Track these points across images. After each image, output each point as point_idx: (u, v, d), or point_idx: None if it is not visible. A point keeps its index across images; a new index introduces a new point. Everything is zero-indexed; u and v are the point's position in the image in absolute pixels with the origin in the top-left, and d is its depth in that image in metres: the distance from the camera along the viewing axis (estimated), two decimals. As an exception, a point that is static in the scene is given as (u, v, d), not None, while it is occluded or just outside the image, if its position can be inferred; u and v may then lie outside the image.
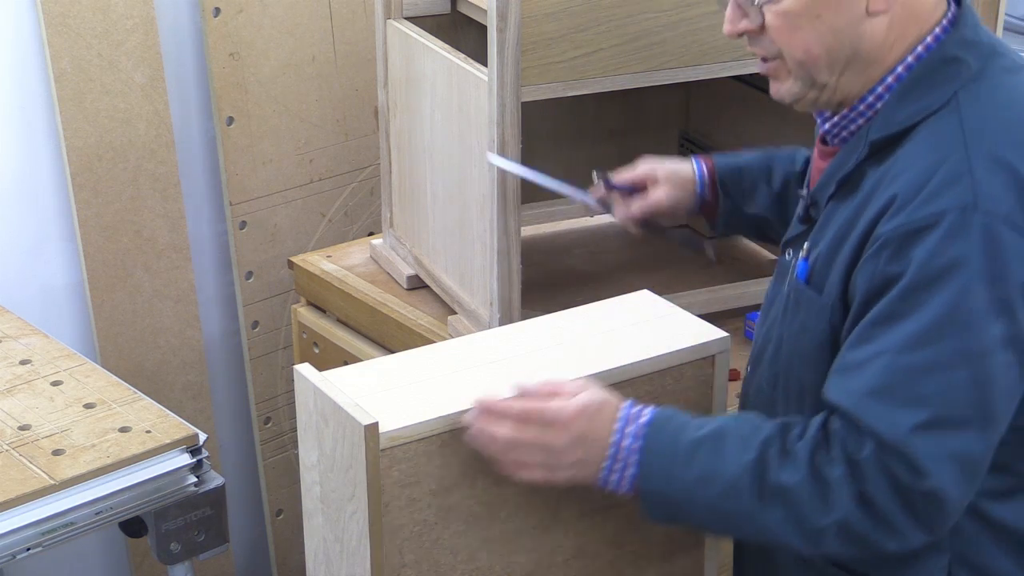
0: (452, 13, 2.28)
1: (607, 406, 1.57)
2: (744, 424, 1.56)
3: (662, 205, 1.93)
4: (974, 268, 1.44)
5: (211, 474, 2.03)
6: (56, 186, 2.54)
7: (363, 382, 1.64)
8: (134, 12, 2.53)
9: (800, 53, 1.56)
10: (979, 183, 1.47)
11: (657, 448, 1.55)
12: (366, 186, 2.84)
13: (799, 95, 1.60)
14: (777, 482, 1.50)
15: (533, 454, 1.56)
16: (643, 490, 1.55)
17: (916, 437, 1.45)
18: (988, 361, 1.46)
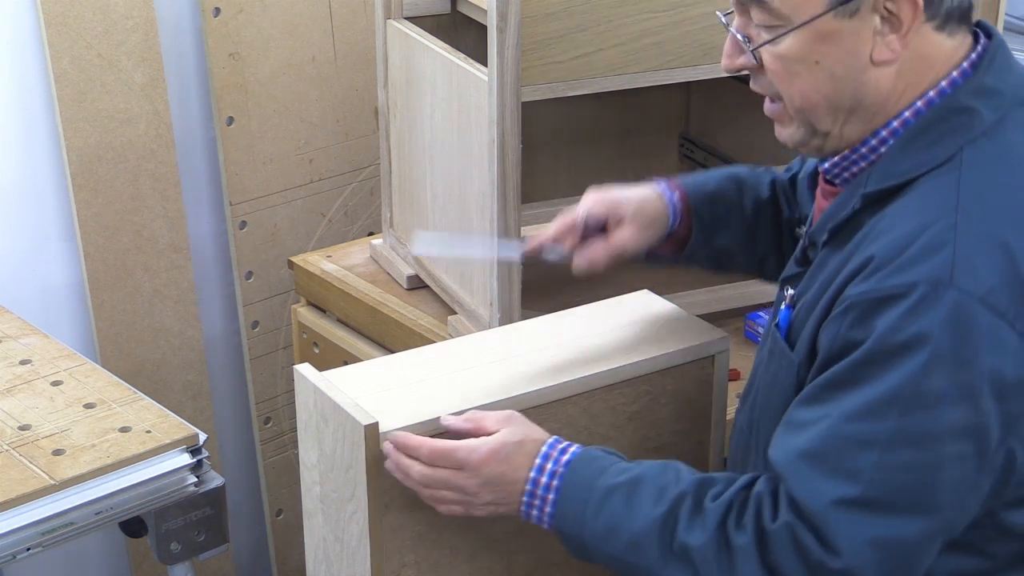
0: (452, 13, 2.28)
1: (525, 446, 1.52)
2: (665, 474, 1.49)
3: (627, 250, 1.72)
4: (936, 348, 1.34)
5: (211, 474, 2.03)
6: (56, 186, 2.54)
7: (363, 382, 1.64)
8: (134, 12, 2.53)
9: (798, 100, 1.46)
10: (960, 256, 1.36)
11: (572, 491, 1.50)
12: (366, 186, 2.84)
13: (801, 142, 1.50)
14: (683, 542, 1.43)
15: (446, 492, 1.53)
16: (558, 531, 1.52)
17: (837, 512, 1.37)
18: (938, 448, 1.36)
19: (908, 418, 1.35)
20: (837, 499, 1.37)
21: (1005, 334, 1.35)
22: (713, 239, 1.76)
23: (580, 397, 1.68)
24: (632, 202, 1.72)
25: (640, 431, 1.74)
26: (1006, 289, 1.35)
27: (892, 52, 1.43)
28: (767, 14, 1.44)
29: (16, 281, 2.55)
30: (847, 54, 1.43)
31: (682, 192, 1.75)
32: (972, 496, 1.39)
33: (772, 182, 1.79)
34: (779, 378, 1.52)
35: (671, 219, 1.74)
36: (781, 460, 1.42)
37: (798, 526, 1.39)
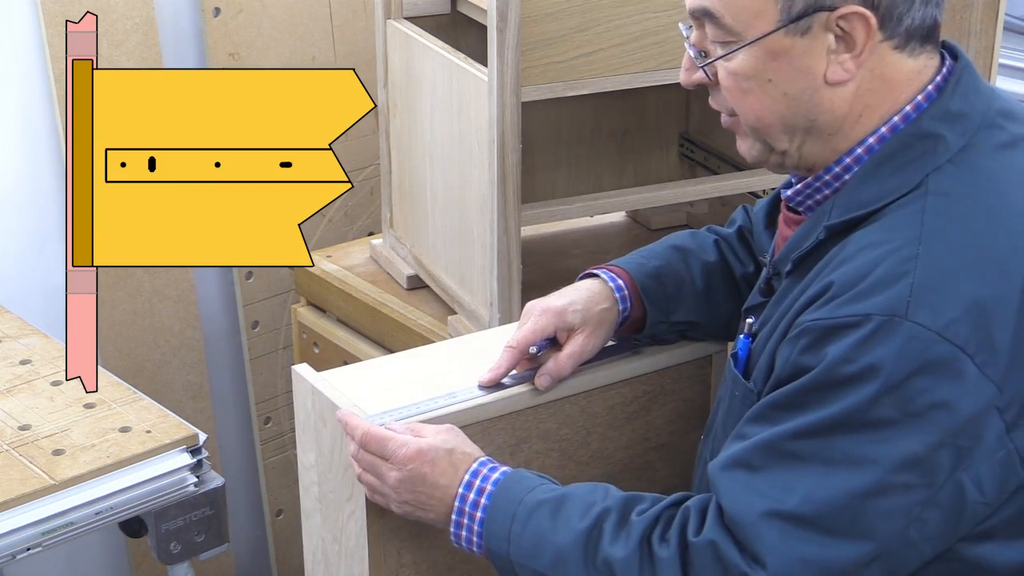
0: (452, 13, 2.28)
1: (453, 455, 1.50)
2: (593, 492, 1.46)
3: (584, 357, 1.66)
4: (887, 380, 1.31)
5: (211, 474, 2.03)
6: (56, 186, 2.54)
7: (362, 382, 1.64)
8: (134, 12, 2.53)
9: (752, 118, 1.44)
10: (918, 289, 1.32)
11: (501, 507, 1.47)
12: (366, 186, 2.84)
13: (760, 157, 1.47)
14: (606, 555, 1.40)
15: (370, 477, 1.52)
16: (487, 550, 1.48)
17: (768, 523, 1.34)
18: (880, 475, 1.32)
19: (851, 442, 1.33)
20: (769, 511, 1.34)
21: (963, 366, 1.32)
22: (671, 316, 1.70)
23: (579, 397, 1.68)
24: (578, 308, 1.65)
25: (639, 431, 1.74)
26: (967, 321, 1.32)
27: (847, 72, 1.39)
28: (720, 30, 1.41)
29: (16, 281, 2.55)
30: (799, 73, 1.40)
31: (626, 276, 1.69)
32: (916, 529, 1.35)
33: (716, 243, 1.74)
34: (733, 408, 1.50)
35: (620, 305, 1.68)
36: (715, 470, 1.40)
37: (723, 540, 1.36)
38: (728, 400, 1.53)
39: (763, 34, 1.39)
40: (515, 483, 1.48)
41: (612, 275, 1.69)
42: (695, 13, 1.44)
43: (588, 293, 1.67)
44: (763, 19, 1.39)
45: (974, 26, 2.27)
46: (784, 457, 1.35)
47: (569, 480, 1.57)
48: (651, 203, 2.25)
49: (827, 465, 1.33)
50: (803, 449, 1.34)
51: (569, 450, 1.69)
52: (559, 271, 2.36)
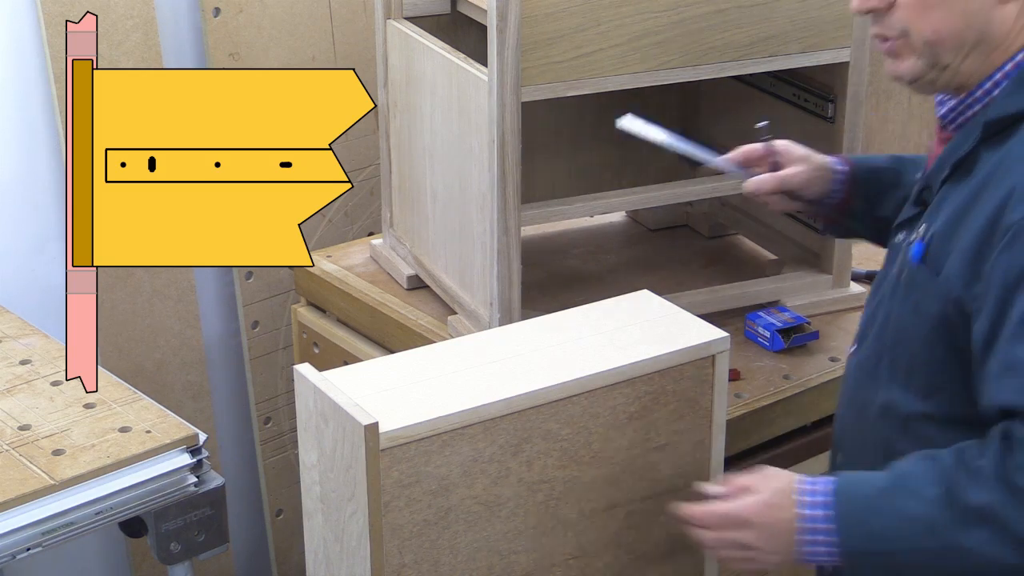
0: (452, 13, 2.28)
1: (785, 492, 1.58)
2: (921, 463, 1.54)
3: (792, 185, 1.90)
4: None
5: (211, 474, 2.03)
6: (56, 186, 2.54)
7: (363, 382, 1.64)
8: (134, 12, 2.53)
9: (929, 33, 1.56)
10: None
11: (849, 510, 1.55)
12: (366, 186, 2.84)
13: (919, 75, 1.60)
14: (973, 505, 1.48)
15: (734, 551, 1.60)
16: (848, 553, 1.55)
17: None
18: None
19: None
20: None
21: None
22: (875, 209, 1.90)
23: (580, 397, 1.68)
24: (804, 151, 1.91)
25: (640, 431, 1.74)
26: None
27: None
28: None
29: (16, 281, 2.55)
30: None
31: (850, 167, 1.91)
32: None
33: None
34: (922, 305, 1.59)
35: (836, 182, 1.90)
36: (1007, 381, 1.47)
37: None
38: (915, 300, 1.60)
39: None
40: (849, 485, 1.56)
41: (840, 162, 1.92)
42: None
43: (818, 155, 1.92)
44: None
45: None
46: None
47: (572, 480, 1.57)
48: (651, 203, 2.25)
49: None
50: None
51: (571, 450, 1.69)
52: (559, 271, 2.36)
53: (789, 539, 1.57)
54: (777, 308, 2.22)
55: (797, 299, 2.27)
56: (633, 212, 2.55)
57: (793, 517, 1.56)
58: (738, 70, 2.10)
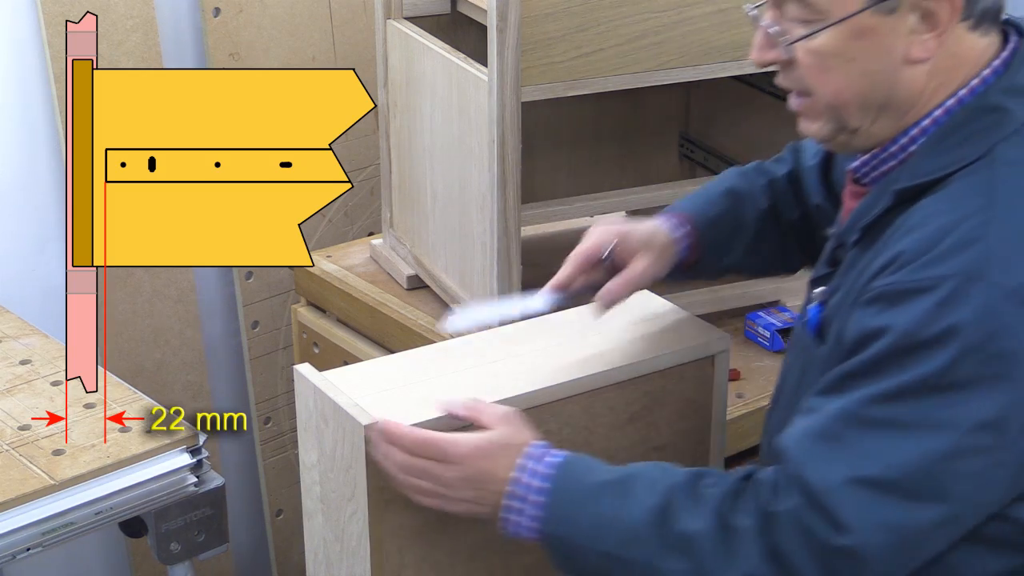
0: (452, 13, 2.28)
1: (511, 447, 1.50)
2: (656, 469, 1.48)
3: (644, 282, 1.71)
4: (966, 341, 1.32)
5: (211, 474, 2.03)
6: (56, 186, 2.54)
7: (363, 382, 1.64)
8: (134, 12, 2.53)
9: (830, 95, 1.45)
10: (993, 251, 1.35)
11: (562, 490, 1.46)
12: (366, 186, 2.84)
13: (828, 137, 1.50)
14: (681, 530, 1.41)
15: (423, 481, 1.52)
16: (545, 534, 1.47)
17: (850, 490, 1.35)
18: (959, 437, 1.34)
19: (929, 405, 1.34)
20: (851, 478, 1.35)
21: None
22: (722, 260, 1.78)
23: (580, 397, 1.68)
24: (641, 233, 1.71)
25: (640, 431, 1.74)
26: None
27: (927, 51, 1.42)
28: (805, 9, 1.43)
29: (16, 281, 2.55)
30: (883, 51, 1.42)
31: (690, 223, 1.75)
32: (988, 489, 1.38)
33: (768, 186, 1.79)
34: (808, 375, 1.51)
35: (683, 252, 1.74)
36: (793, 442, 1.40)
37: (804, 508, 1.37)
38: (801, 369, 1.54)
39: (850, 14, 1.41)
40: (574, 466, 1.48)
41: (675, 222, 1.75)
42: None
43: (652, 225, 1.74)
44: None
45: (974, 26, 2.27)
46: (863, 424, 1.36)
47: None
48: (651, 203, 2.24)
49: (906, 429, 1.35)
50: (881, 414, 1.36)
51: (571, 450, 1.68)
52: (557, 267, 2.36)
53: (487, 494, 1.49)
54: (777, 308, 2.22)
55: (797, 299, 2.27)
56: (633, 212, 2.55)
57: (506, 478, 1.48)
58: (738, 70, 2.10)
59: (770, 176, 1.80)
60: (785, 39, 1.45)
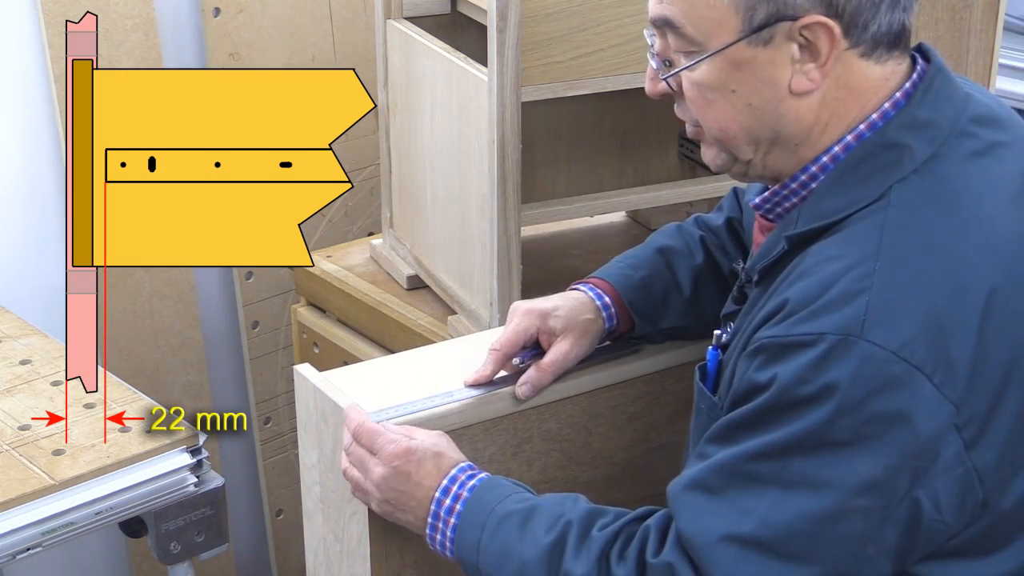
0: (452, 13, 2.28)
1: (440, 460, 1.49)
2: (562, 504, 1.45)
3: (568, 363, 1.65)
4: (844, 400, 1.28)
5: (211, 474, 2.03)
6: (56, 186, 2.54)
7: (363, 382, 1.64)
8: (134, 12, 2.53)
9: (715, 128, 1.41)
10: (874, 307, 1.29)
11: (473, 516, 1.46)
12: (366, 186, 2.84)
13: (724, 167, 1.45)
14: (567, 570, 1.39)
15: (353, 471, 1.52)
16: (458, 558, 1.47)
17: (724, 547, 1.32)
18: (838, 500, 1.30)
19: (809, 464, 1.30)
20: (725, 535, 1.32)
21: (920, 385, 1.29)
22: (658, 324, 1.70)
23: (580, 397, 1.68)
24: (561, 314, 1.64)
25: (640, 431, 1.74)
26: (924, 340, 1.29)
27: (811, 82, 1.36)
28: (682, 40, 1.39)
29: (16, 281, 2.55)
30: (763, 83, 1.37)
31: (612, 290, 1.68)
32: (873, 546, 1.33)
33: (703, 240, 1.72)
34: (700, 422, 1.49)
35: (607, 324, 1.68)
36: (674, 491, 1.38)
37: (679, 563, 1.34)
38: (695, 414, 1.52)
39: (725, 45, 1.37)
40: (488, 491, 1.47)
41: (598, 291, 1.68)
42: (656, 22, 1.41)
43: (574, 302, 1.66)
44: (725, 29, 1.37)
45: (974, 26, 2.27)
46: (742, 479, 1.33)
47: (572, 481, 1.57)
48: (651, 203, 2.25)
49: (785, 488, 1.31)
50: (761, 471, 1.32)
51: (571, 450, 1.69)
52: (559, 271, 2.36)
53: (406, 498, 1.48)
54: (777, 308, 2.22)
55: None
56: (633, 212, 2.55)
57: (428, 485, 1.48)
58: (738, 70, 2.10)
59: (706, 227, 1.74)
60: (667, 71, 1.42)
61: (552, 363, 1.63)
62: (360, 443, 1.52)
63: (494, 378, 1.64)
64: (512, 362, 1.64)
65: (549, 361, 1.63)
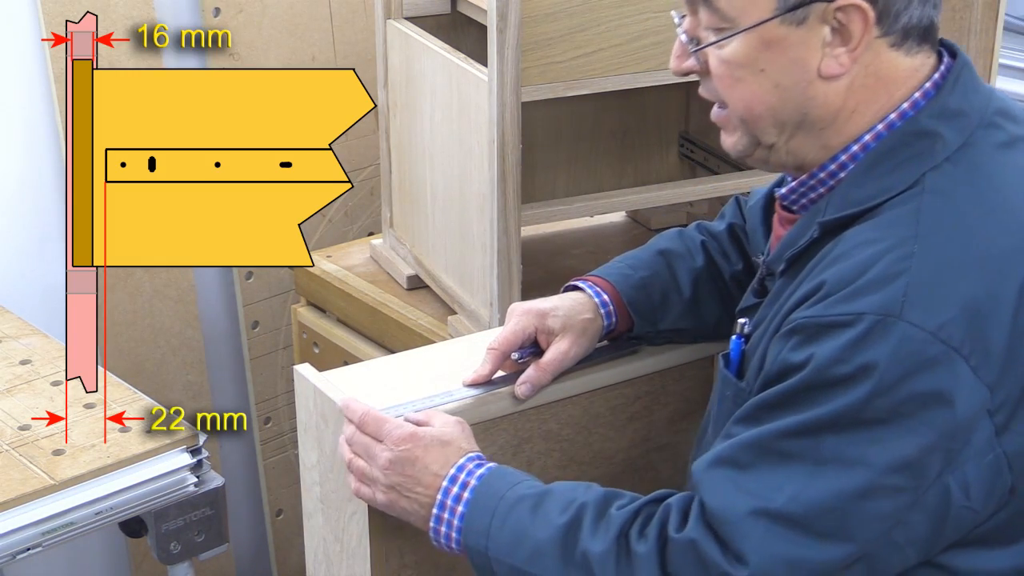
0: (452, 13, 2.28)
1: (448, 447, 1.48)
2: (575, 488, 1.44)
3: (567, 362, 1.65)
4: (881, 380, 1.29)
5: (211, 474, 2.03)
6: (56, 186, 2.54)
7: (363, 382, 1.64)
8: (134, 12, 2.53)
9: (741, 108, 1.41)
10: (913, 288, 1.30)
11: (482, 501, 1.45)
12: (366, 186, 2.84)
13: (746, 151, 1.45)
14: (584, 549, 1.38)
15: (358, 461, 1.51)
16: (465, 546, 1.45)
17: (752, 522, 1.31)
18: (870, 477, 1.30)
19: (843, 442, 1.30)
20: (755, 509, 1.32)
21: (956, 368, 1.30)
22: (657, 325, 1.70)
23: (580, 397, 1.68)
24: (559, 314, 1.64)
25: (640, 431, 1.74)
26: (961, 322, 1.30)
27: (841, 66, 1.37)
28: (714, 15, 1.39)
29: (16, 281, 2.55)
30: (793, 64, 1.38)
31: (611, 288, 1.68)
32: (901, 532, 1.33)
33: (703, 244, 1.72)
34: (724, 409, 1.48)
35: (605, 320, 1.67)
36: (702, 468, 1.37)
37: (704, 538, 1.33)
38: (719, 402, 1.51)
39: (758, 22, 1.37)
40: (498, 479, 1.46)
41: (596, 289, 1.68)
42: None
43: (572, 301, 1.66)
44: (759, 6, 1.37)
45: (974, 26, 2.27)
46: (773, 455, 1.33)
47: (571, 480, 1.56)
48: (651, 203, 2.25)
49: (817, 465, 1.31)
50: (793, 448, 1.32)
51: (571, 450, 1.69)
52: (559, 271, 2.36)
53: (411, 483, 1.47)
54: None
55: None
56: (633, 212, 2.55)
57: (436, 473, 1.47)
58: (738, 70, 2.10)
59: (708, 233, 1.74)
60: (696, 46, 1.42)
61: (551, 362, 1.63)
62: (366, 431, 1.51)
63: (493, 377, 1.64)
64: (511, 357, 1.64)
65: (548, 360, 1.63)
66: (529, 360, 1.64)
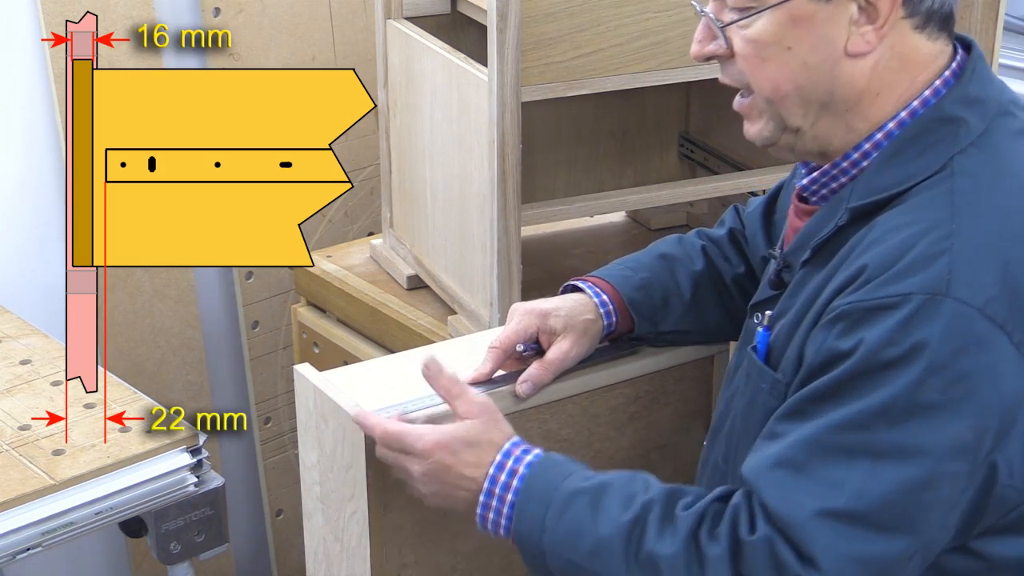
0: (452, 13, 2.28)
1: (477, 445, 1.47)
2: (633, 482, 1.42)
3: (568, 363, 1.65)
4: (934, 359, 1.28)
5: (211, 474, 2.03)
6: (56, 186, 2.54)
7: (363, 382, 1.64)
8: (134, 12, 2.53)
9: (768, 88, 1.40)
10: (957, 266, 1.31)
11: (535, 492, 1.43)
12: (366, 186, 2.84)
13: (771, 138, 1.44)
14: (651, 550, 1.36)
15: (401, 474, 1.52)
16: (516, 534, 1.44)
17: (819, 523, 1.30)
18: (931, 465, 1.30)
19: (899, 431, 1.29)
20: (820, 510, 1.31)
21: (1003, 345, 1.30)
22: (658, 327, 1.70)
23: (580, 397, 1.68)
24: (561, 314, 1.65)
25: (640, 431, 1.74)
26: (1004, 300, 1.31)
27: (867, 44, 1.38)
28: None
29: (16, 281, 2.55)
30: (821, 41, 1.38)
31: (611, 289, 1.68)
32: (953, 516, 1.33)
33: (704, 249, 1.72)
34: (757, 403, 1.46)
35: (605, 320, 1.67)
36: (756, 471, 1.36)
37: (776, 539, 1.32)
38: (751, 395, 1.49)
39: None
40: (550, 468, 1.45)
41: (596, 290, 1.68)
42: None
43: (573, 302, 1.67)
44: None
45: (974, 26, 2.27)
46: (829, 452, 1.32)
47: None
48: (651, 203, 2.25)
49: (876, 458, 1.30)
50: (849, 442, 1.31)
51: (571, 450, 1.69)
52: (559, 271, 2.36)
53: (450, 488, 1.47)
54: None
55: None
56: (633, 212, 2.55)
57: (470, 476, 1.45)
58: (738, 70, 2.10)
59: (708, 238, 1.74)
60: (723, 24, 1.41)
61: (552, 362, 1.64)
62: (391, 448, 1.51)
63: (493, 376, 1.64)
64: (516, 348, 1.64)
65: (550, 360, 1.64)
66: (532, 355, 1.64)
